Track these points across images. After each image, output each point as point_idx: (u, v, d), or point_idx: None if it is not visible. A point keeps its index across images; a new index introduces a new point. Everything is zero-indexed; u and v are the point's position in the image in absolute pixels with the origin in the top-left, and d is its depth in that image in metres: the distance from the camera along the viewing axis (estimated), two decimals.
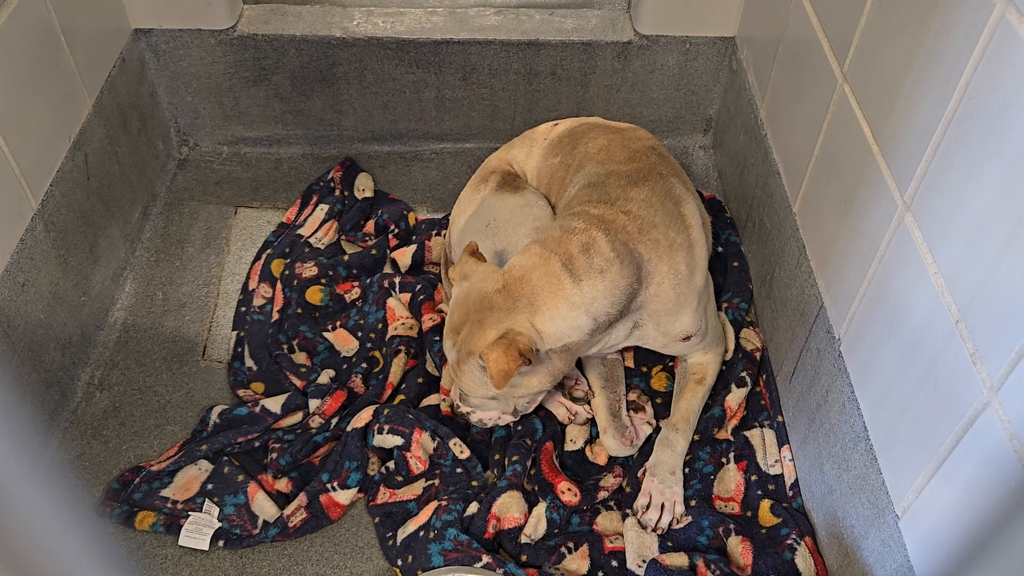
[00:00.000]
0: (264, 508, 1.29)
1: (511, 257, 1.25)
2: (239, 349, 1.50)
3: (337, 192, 1.76)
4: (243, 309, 1.56)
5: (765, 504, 1.26)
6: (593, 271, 1.17)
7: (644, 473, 1.29)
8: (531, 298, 1.15)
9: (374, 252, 1.63)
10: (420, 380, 1.43)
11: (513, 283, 1.17)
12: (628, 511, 1.27)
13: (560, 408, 1.38)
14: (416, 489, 1.32)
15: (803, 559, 1.18)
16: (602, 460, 1.35)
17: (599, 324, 1.18)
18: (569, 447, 1.37)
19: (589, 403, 1.39)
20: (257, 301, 1.56)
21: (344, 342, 1.52)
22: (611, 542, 1.24)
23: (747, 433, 1.35)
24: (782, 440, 1.33)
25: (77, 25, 1.46)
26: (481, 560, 1.19)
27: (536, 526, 1.25)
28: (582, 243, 1.18)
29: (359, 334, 1.52)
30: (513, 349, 1.10)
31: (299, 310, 1.55)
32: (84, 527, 0.35)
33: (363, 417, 1.35)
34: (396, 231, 1.67)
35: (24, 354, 1.29)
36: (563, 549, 1.23)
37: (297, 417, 1.38)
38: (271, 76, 1.76)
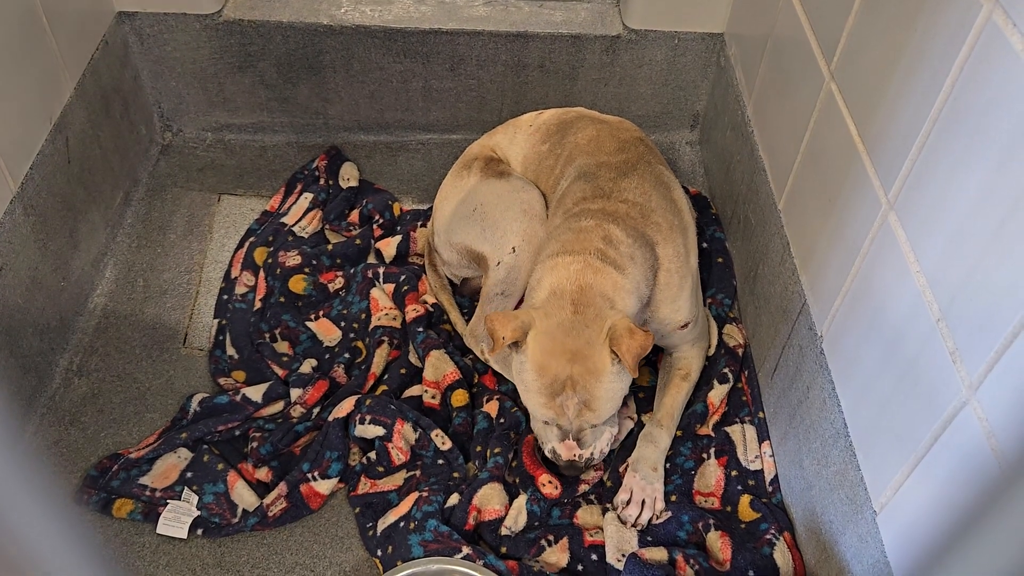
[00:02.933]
0: (244, 497, 1.28)
1: (537, 277, 1.23)
2: (220, 337, 1.49)
3: (322, 181, 1.75)
4: (225, 297, 1.55)
5: (745, 499, 1.27)
6: (626, 259, 1.20)
7: (626, 468, 1.29)
8: (602, 297, 1.17)
9: (358, 242, 1.62)
10: (403, 371, 1.43)
11: (577, 297, 1.16)
12: (609, 505, 1.27)
13: None
14: (397, 480, 1.32)
15: (781, 554, 1.19)
16: None
17: (642, 306, 1.23)
18: None
19: None
20: (239, 289, 1.55)
21: (327, 332, 1.51)
22: (591, 536, 1.24)
23: (728, 429, 1.35)
24: (763, 436, 1.34)
25: (59, 6, 1.44)
26: (461, 551, 1.19)
27: (516, 518, 1.25)
28: (602, 237, 1.21)
29: (342, 324, 1.52)
30: (634, 330, 1.13)
31: (282, 299, 1.54)
32: (61, 514, 0.35)
33: (345, 407, 1.34)
34: (381, 221, 1.66)
35: (1, 339, 1.27)
36: (543, 542, 1.23)
37: (278, 406, 1.38)
38: (257, 63, 1.75)
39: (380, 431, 1.32)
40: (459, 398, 1.39)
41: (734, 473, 1.31)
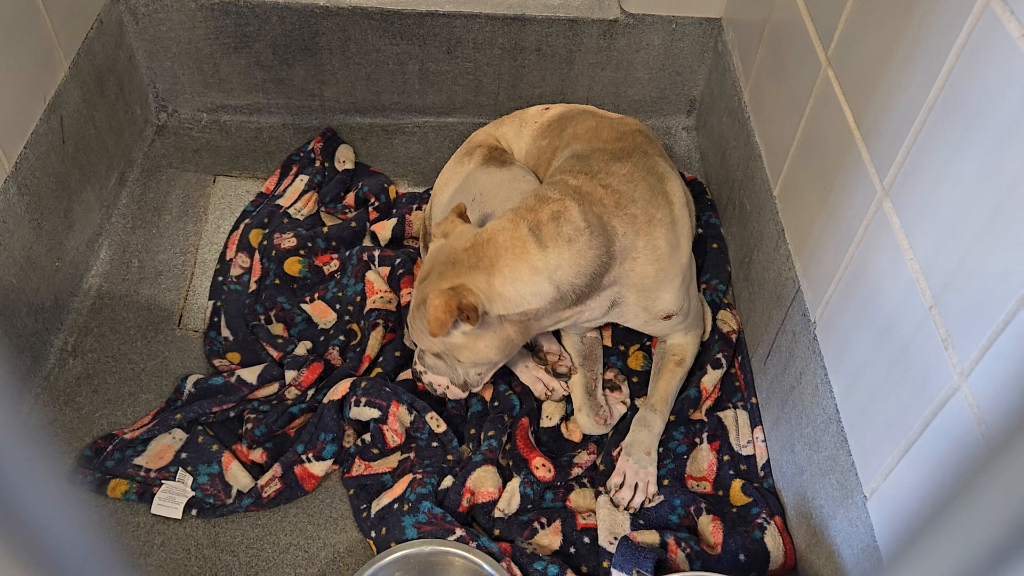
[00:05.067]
0: (238, 478, 1.28)
1: None
2: (215, 319, 1.49)
3: (317, 163, 1.75)
4: (220, 279, 1.55)
5: (736, 484, 1.28)
6: (560, 239, 1.17)
7: (619, 452, 1.30)
8: (493, 259, 1.16)
9: (354, 225, 1.62)
10: (397, 354, 1.43)
11: (481, 244, 1.18)
12: (601, 489, 1.28)
13: (537, 384, 1.39)
14: (391, 462, 1.32)
15: (772, 538, 1.20)
16: (577, 437, 1.36)
17: (563, 294, 1.18)
18: (545, 423, 1.38)
19: (568, 380, 1.40)
20: (234, 271, 1.55)
21: (322, 314, 1.52)
22: (584, 519, 1.25)
23: (721, 414, 1.36)
24: (755, 421, 1.35)
25: None
26: (455, 534, 1.19)
27: (510, 501, 1.26)
28: (553, 211, 1.19)
29: (337, 306, 1.52)
30: (454, 301, 1.11)
31: (277, 281, 1.54)
32: (58, 493, 0.35)
33: (340, 389, 1.34)
34: (376, 204, 1.66)
35: None
36: (536, 524, 1.24)
37: (273, 388, 1.38)
38: (253, 43, 1.74)
39: (375, 413, 1.32)
40: None
41: (726, 458, 1.32)
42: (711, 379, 1.38)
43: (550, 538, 1.23)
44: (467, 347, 1.20)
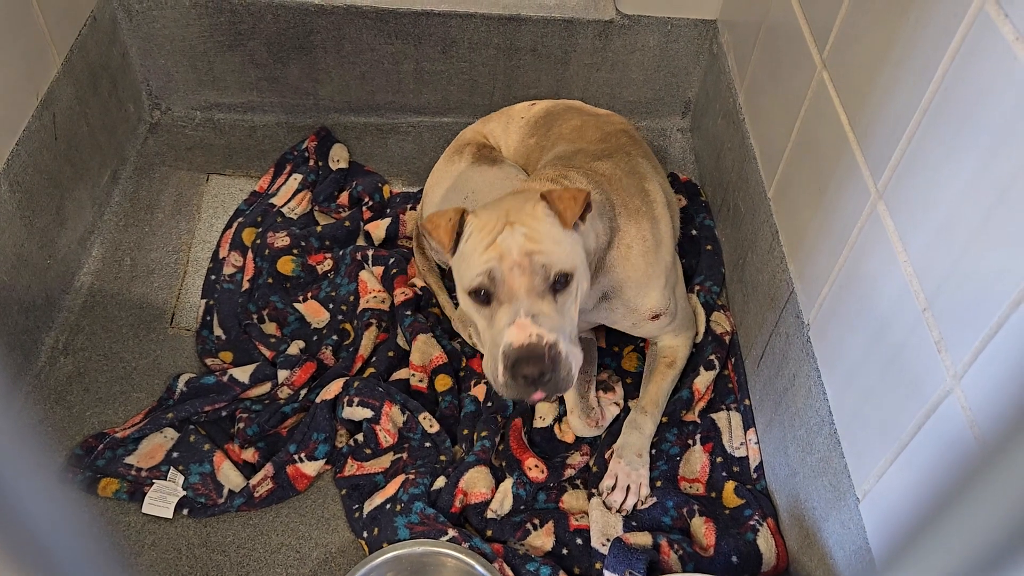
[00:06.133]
0: (230, 478, 1.28)
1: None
2: (208, 317, 1.49)
3: (311, 162, 1.74)
4: (213, 277, 1.55)
5: (729, 486, 1.28)
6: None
7: (611, 454, 1.30)
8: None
9: (347, 224, 1.61)
10: (391, 354, 1.42)
11: (513, 193, 1.15)
12: (594, 490, 1.28)
13: None
14: (384, 462, 1.32)
15: (765, 540, 1.20)
16: (570, 438, 1.36)
17: (599, 242, 1.15)
18: (538, 424, 1.37)
19: None
20: (227, 270, 1.55)
21: (315, 313, 1.51)
22: (576, 520, 1.25)
23: (714, 416, 1.36)
24: (748, 423, 1.35)
25: None
26: (447, 534, 1.19)
27: (502, 502, 1.25)
28: (555, 175, 1.21)
29: (330, 306, 1.51)
30: (583, 195, 1.05)
31: (270, 280, 1.53)
32: (49, 491, 0.35)
33: (332, 389, 1.34)
34: (370, 203, 1.66)
35: None
36: (528, 525, 1.24)
37: (265, 387, 1.38)
38: (247, 41, 1.73)
39: (368, 413, 1.32)
40: (443, 382, 1.39)
41: (719, 459, 1.32)
42: (704, 381, 1.38)
43: (543, 539, 1.23)
44: (570, 247, 1.08)
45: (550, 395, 1.06)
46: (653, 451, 1.32)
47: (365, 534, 1.23)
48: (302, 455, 1.28)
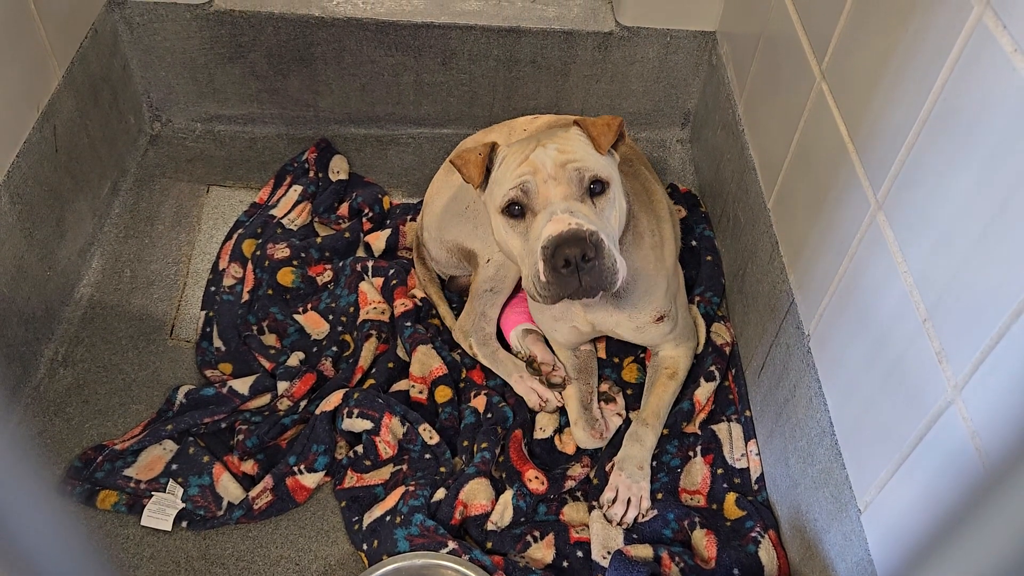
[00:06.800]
0: (229, 490, 1.27)
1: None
2: (208, 329, 1.49)
3: (311, 173, 1.74)
4: (213, 289, 1.55)
5: (730, 497, 1.27)
6: None
7: (612, 466, 1.29)
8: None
9: (347, 235, 1.62)
10: (390, 365, 1.42)
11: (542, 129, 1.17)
12: (595, 503, 1.28)
13: (531, 394, 1.39)
14: (384, 474, 1.31)
15: (766, 552, 1.19)
16: (570, 449, 1.36)
17: (620, 214, 1.15)
18: (538, 435, 1.37)
19: (562, 390, 1.39)
20: (227, 281, 1.55)
21: (315, 325, 1.51)
22: (577, 532, 1.24)
23: (714, 427, 1.36)
24: (749, 434, 1.35)
25: None
26: (447, 546, 1.19)
27: (503, 513, 1.25)
28: None
29: (330, 317, 1.51)
30: (616, 121, 1.07)
31: (270, 291, 1.53)
32: (48, 504, 0.35)
33: (332, 401, 1.34)
34: (370, 215, 1.66)
35: None
36: (529, 537, 1.23)
37: (265, 399, 1.37)
38: (247, 54, 1.74)
39: (368, 425, 1.32)
40: (443, 394, 1.39)
41: (720, 471, 1.31)
42: (704, 392, 1.37)
43: (543, 551, 1.22)
44: (606, 162, 1.11)
45: (595, 291, 1.03)
46: (654, 463, 1.31)
47: (365, 546, 1.23)
48: (302, 467, 1.28)
